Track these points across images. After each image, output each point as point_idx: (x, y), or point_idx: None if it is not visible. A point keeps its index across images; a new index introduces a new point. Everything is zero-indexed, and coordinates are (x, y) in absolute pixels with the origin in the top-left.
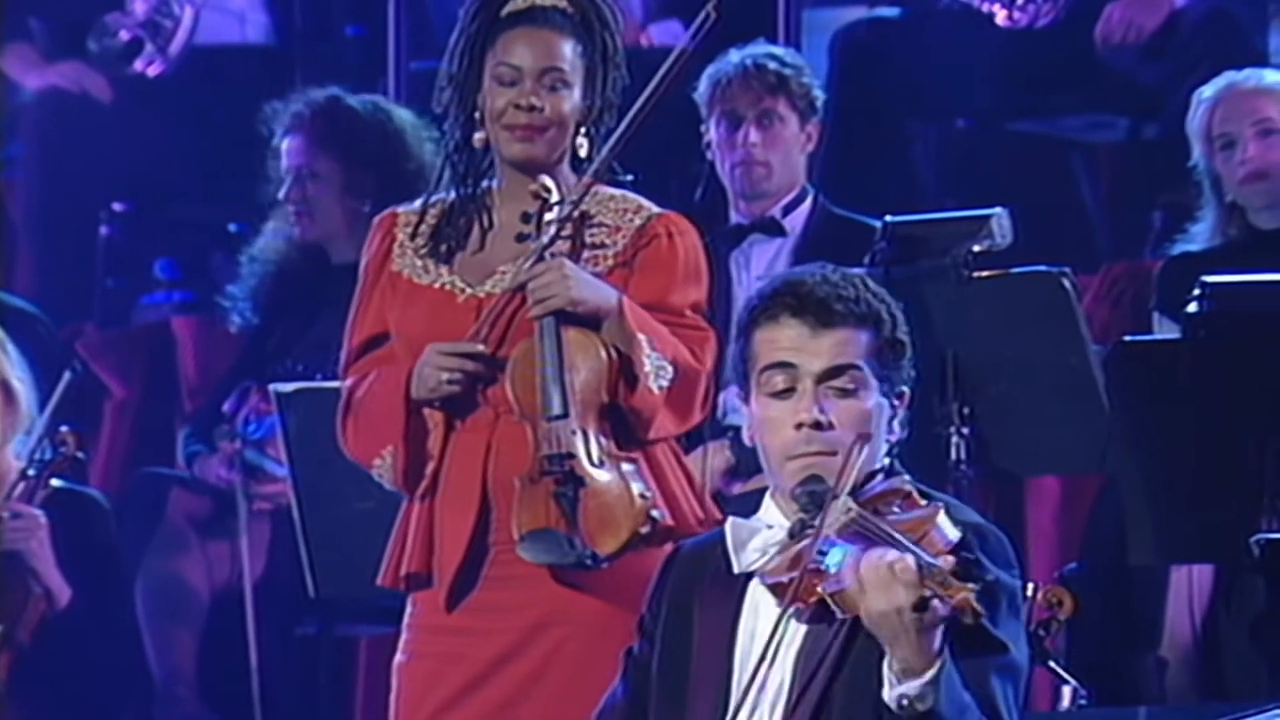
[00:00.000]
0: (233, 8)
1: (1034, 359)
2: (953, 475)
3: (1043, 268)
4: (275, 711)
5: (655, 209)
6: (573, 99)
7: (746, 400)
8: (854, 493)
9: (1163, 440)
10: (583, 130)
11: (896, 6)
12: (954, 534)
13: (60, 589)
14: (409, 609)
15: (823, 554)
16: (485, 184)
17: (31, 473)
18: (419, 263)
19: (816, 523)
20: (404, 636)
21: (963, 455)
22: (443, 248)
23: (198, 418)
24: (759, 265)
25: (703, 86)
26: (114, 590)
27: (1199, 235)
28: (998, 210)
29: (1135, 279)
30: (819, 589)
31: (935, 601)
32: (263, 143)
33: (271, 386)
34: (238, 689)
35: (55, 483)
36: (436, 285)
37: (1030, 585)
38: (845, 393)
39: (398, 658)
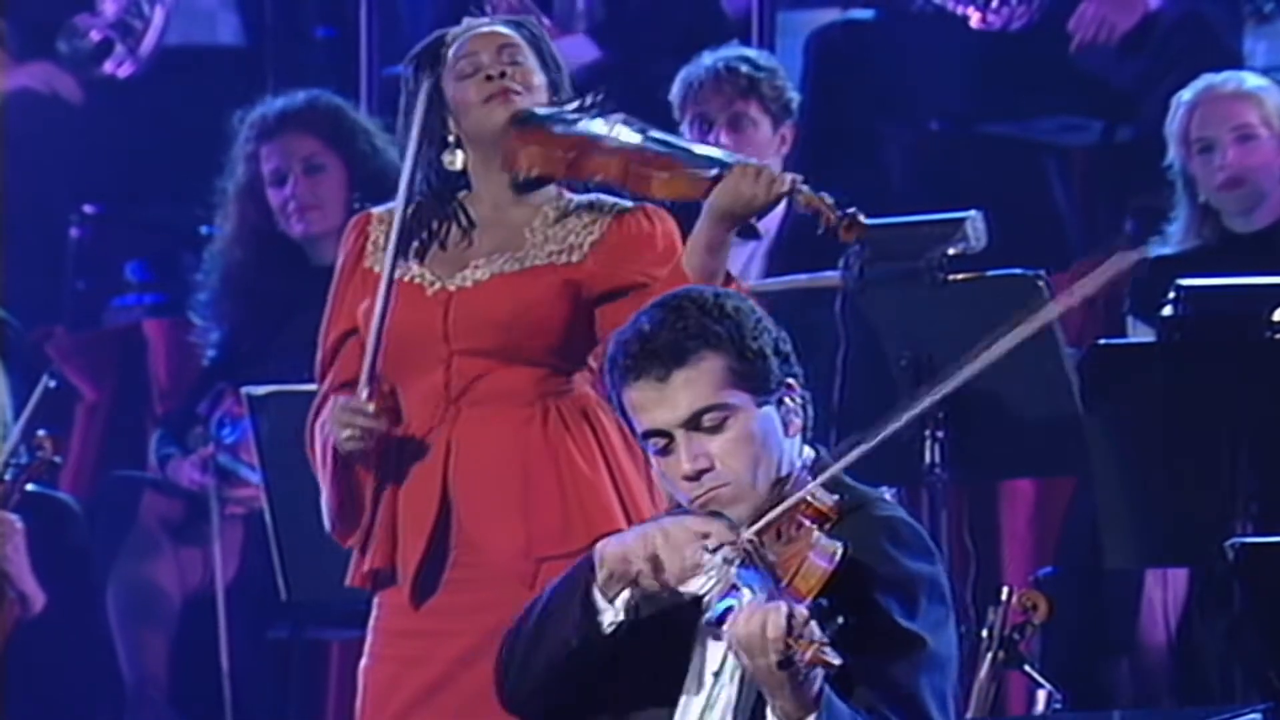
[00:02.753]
0: (203, 9)
1: (1008, 362)
2: (926, 479)
3: (1017, 271)
4: (246, 715)
5: (632, 204)
6: (536, 71)
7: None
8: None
9: (1137, 443)
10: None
11: (870, 9)
12: (833, 549)
13: (35, 594)
14: (374, 612)
15: (735, 589)
16: (460, 193)
17: (7, 477)
18: (400, 255)
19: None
20: (369, 640)
21: (937, 458)
22: (415, 244)
23: (170, 420)
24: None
25: (675, 89)
26: (86, 594)
27: (1173, 238)
28: (972, 213)
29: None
30: (724, 635)
31: (795, 656)
32: (229, 144)
33: (244, 389)
34: (209, 692)
35: (29, 487)
36: (406, 279)
37: (1005, 589)
38: (716, 429)
39: (363, 661)
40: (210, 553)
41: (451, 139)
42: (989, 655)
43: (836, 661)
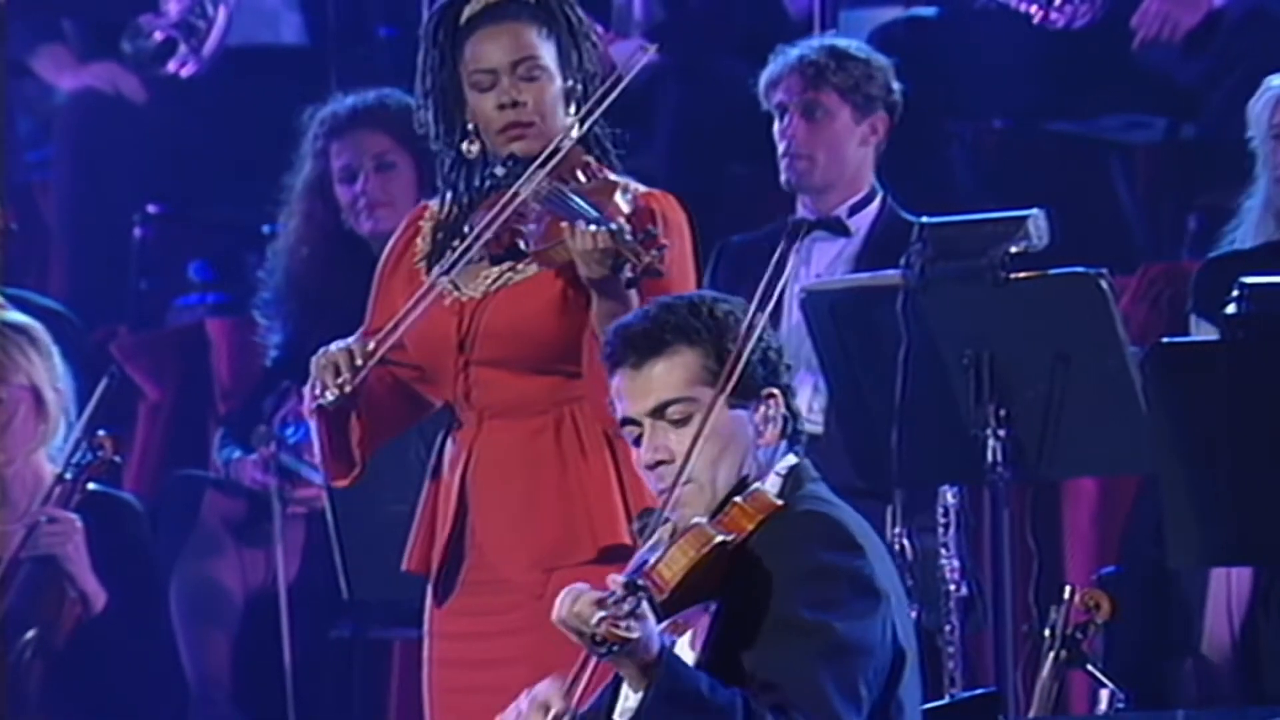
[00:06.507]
0: (266, 8)
1: (1071, 361)
2: (989, 477)
3: (1080, 269)
4: (309, 714)
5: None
6: (553, 84)
7: None
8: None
9: (1201, 442)
10: (571, 110)
11: (933, 6)
12: (704, 539)
13: (96, 593)
14: (425, 614)
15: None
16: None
17: (68, 476)
18: (429, 259)
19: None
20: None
21: (999, 457)
22: (447, 249)
23: (232, 420)
24: (819, 264)
25: (762, 82)
26: (148, 593)
27: (1237, 237)
28: (1034, 211)
29: (1173, 280)
30: None
31: (596, 633)
32: (296, 142)
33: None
34: (272, 692)
35: (90, 486)
36: (433, 284)
37: (1068, 588)
38: (680, 422)
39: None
40: (272, 552)
41: (470, 127)
42: (1052, 654)
43: (633, 636)
